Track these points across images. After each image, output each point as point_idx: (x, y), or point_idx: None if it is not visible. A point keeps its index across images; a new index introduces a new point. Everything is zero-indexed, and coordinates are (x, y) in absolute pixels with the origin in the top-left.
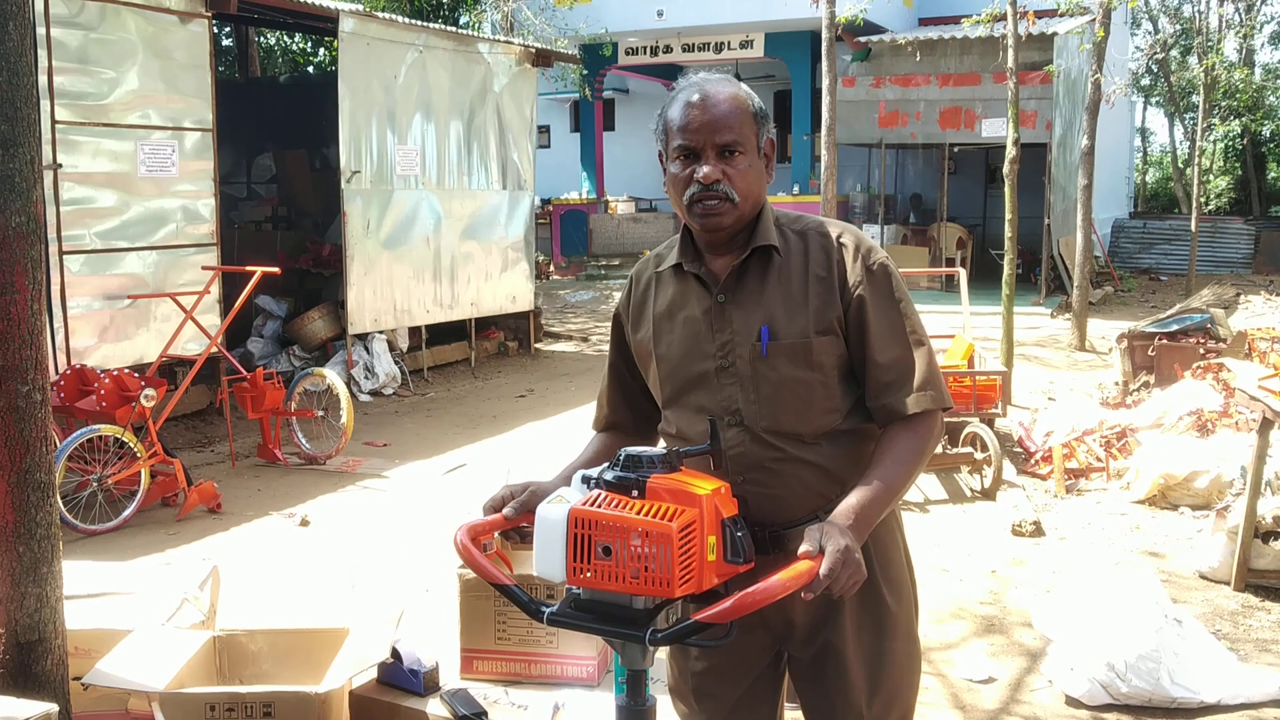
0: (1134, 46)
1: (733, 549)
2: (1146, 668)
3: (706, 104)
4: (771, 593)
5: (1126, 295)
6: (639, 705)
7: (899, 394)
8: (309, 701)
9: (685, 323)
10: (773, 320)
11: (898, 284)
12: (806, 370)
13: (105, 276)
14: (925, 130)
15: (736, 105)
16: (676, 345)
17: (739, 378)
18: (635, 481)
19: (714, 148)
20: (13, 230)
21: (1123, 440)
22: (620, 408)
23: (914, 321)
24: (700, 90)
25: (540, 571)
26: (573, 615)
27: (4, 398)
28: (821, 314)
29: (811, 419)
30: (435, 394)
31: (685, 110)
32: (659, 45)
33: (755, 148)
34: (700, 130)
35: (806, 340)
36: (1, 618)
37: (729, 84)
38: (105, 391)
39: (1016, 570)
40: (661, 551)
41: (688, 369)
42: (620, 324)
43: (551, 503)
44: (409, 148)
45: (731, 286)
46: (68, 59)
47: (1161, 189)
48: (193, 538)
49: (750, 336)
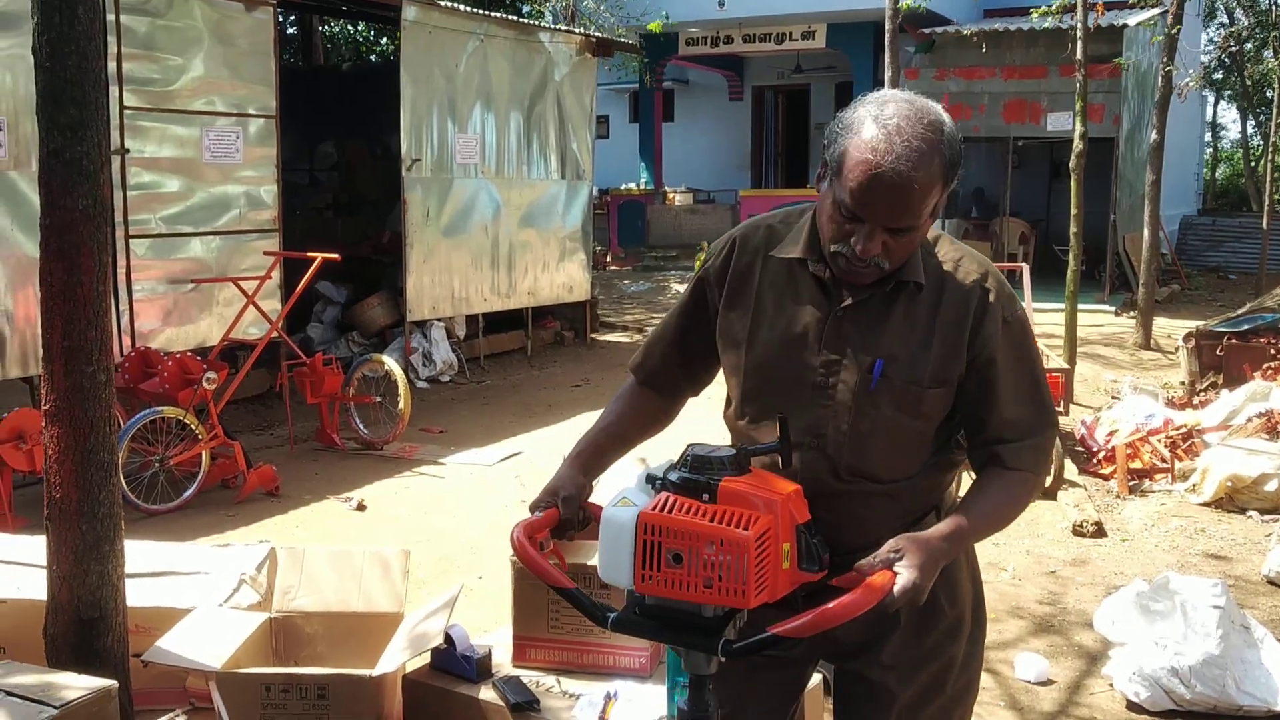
0: (1207, 38)
1: (808, 556)
2: (1212, 674)
3: (898, 181)
4: (851, 610)
5: (1193, 293)
6: (701, 712)
7: (1012, 448)
8: (363, 685)
9: (792, 322)
10: (891, 356)
11: (1031, 338)
12: (911, 419)
13: (169, 260)
14: (989, 123)
15: (929, 184)
16: (775, 343)
17: (835, 404)
18: (706, 484)
19: (884, 228)
20: (80, 213)
21: (1188, 441)
22: (672, 367)
23: (1045, 384)
24: (893, 151)
25: (606, 576)
26: (638, 622)
27: (69, 378)
28: (944, 365)
29: (897, 465)
30: (491, 382)
31: (866, 173)
32: (720, 36)
33: (931, 212)
34: (876, 209)
35: (920, 389)
36: (65, 594)
37: (931, 145)
38: (168, 374)
39: (1076, 571)
40: (736, 561)
41: (780, 373)
42: (705, 286)
43: (618, 505)
44: (469, 136)
45: (856, 303)
46: (136, 45)
47: (1232, 185)
48: (251, 519)
49: (862, 365)
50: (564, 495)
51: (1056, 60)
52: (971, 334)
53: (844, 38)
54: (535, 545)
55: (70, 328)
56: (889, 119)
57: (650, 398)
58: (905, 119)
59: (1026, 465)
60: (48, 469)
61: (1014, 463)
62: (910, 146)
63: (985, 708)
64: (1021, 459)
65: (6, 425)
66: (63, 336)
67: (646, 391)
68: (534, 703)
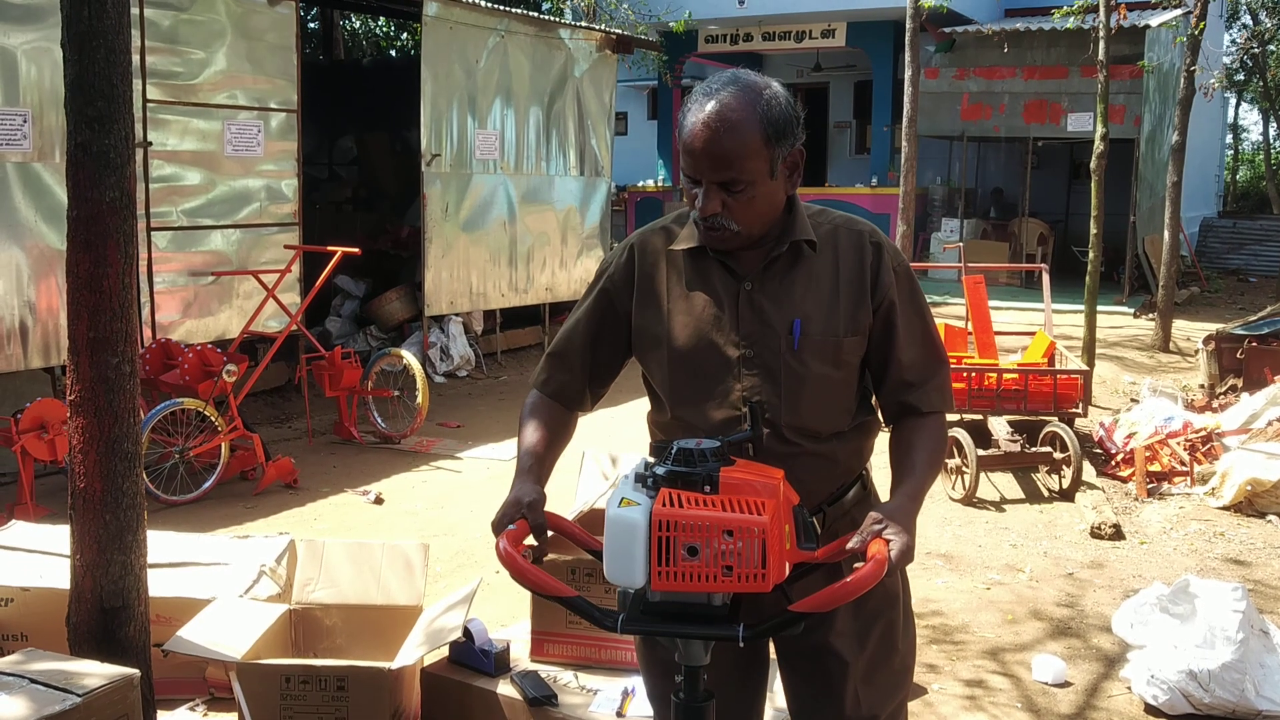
0: (1229, 40)
1: (805, 534)
2: (1231, 678)
3: (710, 134)
4: (867, 583)
5: (1213, 296)
6: (696, 702)
7: (919, 392)
8: (382, 677)
9: (704, 307)
10: (805, 316)
11: (917, 285)
12: (834, 369)
13: (190, 253)
14: (1009, 123)
15: (743, 137)
16: (692, 330)
17: (765, 370)
18: (706, 476)
19: (714, 182)
20: (106, 204)
21: (1208, 444)
22: (580, 379)
23: (934, 325)
24: (706, 111)
25: (614, 578)
26: (647, 621)
27: (94, 369)
28: (853, 315)
29: (831, 417)
30: (508, 377)
31: (691, 131)
32: (739, 34)
33: (767, 173)
34: (699, 162)
35: (837, 339)
36: (88, 583)
37: (743, 103)
38: (188, 366)
39: (1094, 573)
40: (750, 546)
41: (704, 357)
42: (609, 296)
43: (621, 506)
44: (489, 132)
45: (759, 276)
46: (159, 39)
47: (1253, 188)
48: (269, 511)
49: (782, 329)
50: (528, 503)
51: (1078, 60)
52: (872, 284)
53: (864, 36)
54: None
55: (96, 319)
56: (712, 88)
57: (559, 411)
58: (725, 86)
59: (937, 406)
60: (72, 459)
61: (927, 407)
62: (724, 104)
63: (1002, 709)
64: (932, 401)
65: (29, 415)
66: (88, 328)
67: (555, 405)
68: (552, 697)
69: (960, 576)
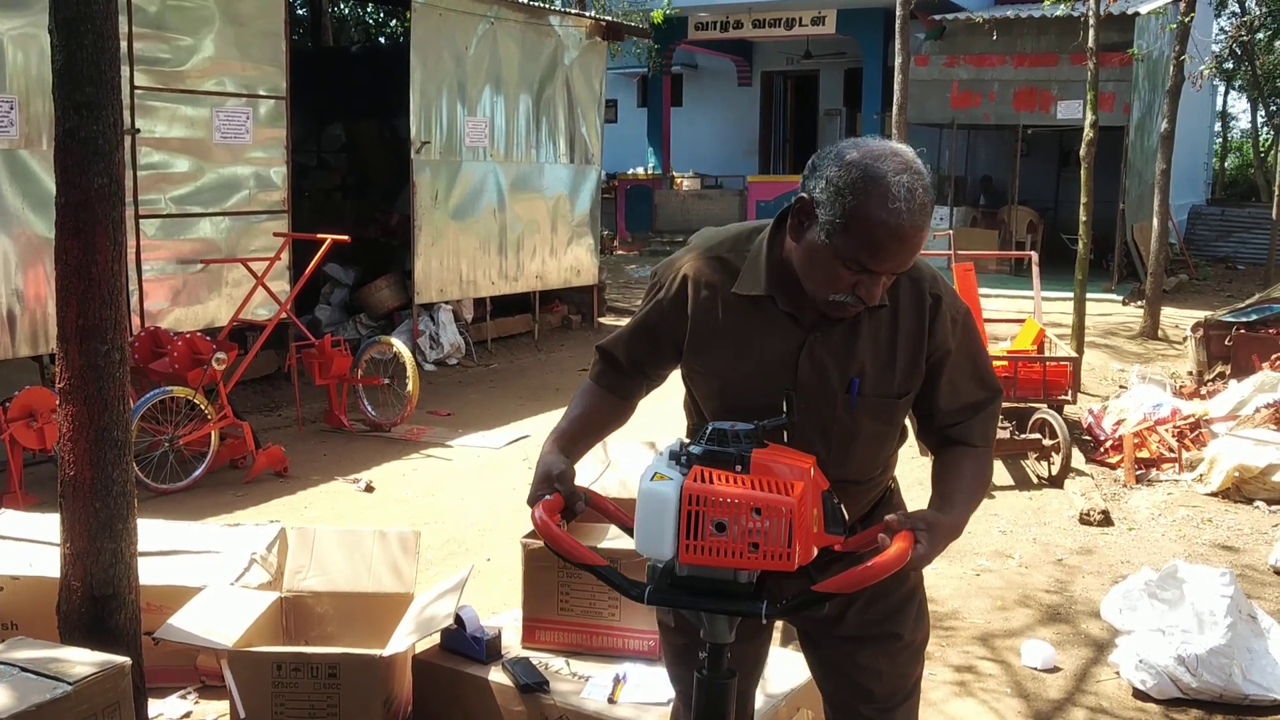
0: (1218, 28)
1: (833, 520)
2: (1218, 663)
3: (915, 236)
4: (889, 567)
5: (1201, 284)
6: (720, 679)
7: (970, 427)
8: (373, 665)
9: (763, 354)
10: (863, 373)
11: (974, 328)
12: (886, 426)
13: (179, 241)
14: (999, 111)
15: (926, 230)
16: (752, 376)
17: (816, 425)
18: (738, 456)
19: (891, 275)
20: (95, 191)
21: (1196, 431)
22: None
23: (986, 359)
24: (911, 212)
25: (644, 549)
26: (674, 594)
27: (84, 356)
28: (909, 375)
29: (873, 466)
30: (498, 365)
31: (889, 235)
32: (729, 20)
33: None
34: (899, 258)
35: (892, 400)
36: (78, 572)
37: (930, 194)
38: (178, 354)
39: (1083, 559)
40: (778, 525)
41: (757, 403)
42: (658, 322)
43: (654, 480)
44: (478, 120)
45: (824, 328)
46: (147, 24)
47: (1241, 176)
48: (259, 500)
49: (839, 388)
50: (558, 474)
51: (1067, 48)
52: (930, 339)
53: (854, 24)
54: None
55: (85, 306)
56: (899, 182)
57: (608, 398)
58: (911, 176)
59: (988, 441)
60: (61, 447)
61: (977, 440)
62: (922, 205)
63: (992, 694)
64: (982, 435)
65: (17, 403)
66: (78, 315)
67: (606, 393)
68: (543, 684)
69: (950, 563)
